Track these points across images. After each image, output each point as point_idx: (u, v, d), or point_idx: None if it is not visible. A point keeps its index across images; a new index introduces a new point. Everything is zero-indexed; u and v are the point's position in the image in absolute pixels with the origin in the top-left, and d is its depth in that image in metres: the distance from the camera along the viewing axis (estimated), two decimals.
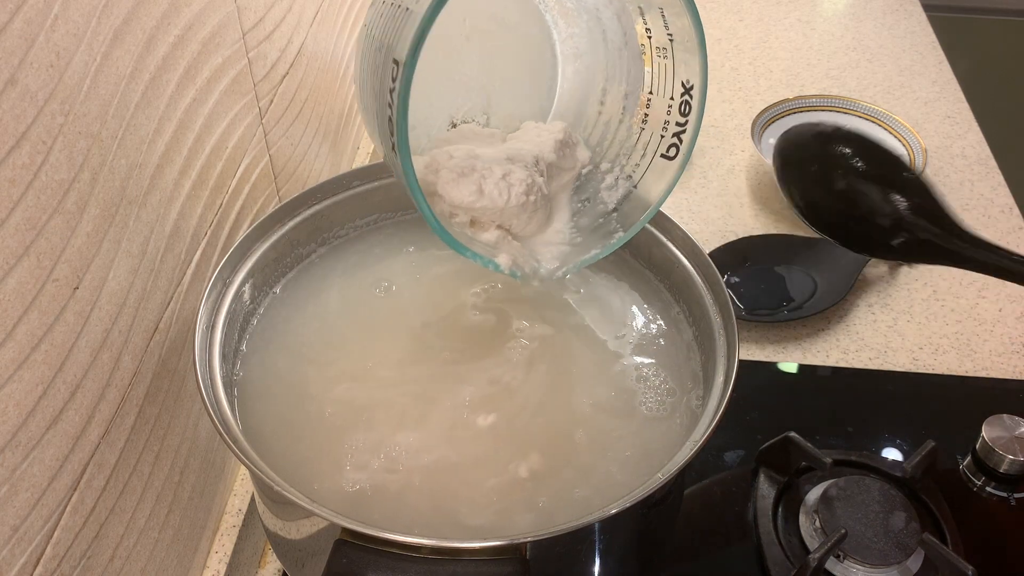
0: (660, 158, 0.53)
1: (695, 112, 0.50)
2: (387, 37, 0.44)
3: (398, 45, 0.42)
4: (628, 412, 0.55)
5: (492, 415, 0.54)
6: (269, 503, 0.55)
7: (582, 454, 0.53)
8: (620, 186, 0.55)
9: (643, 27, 0.49)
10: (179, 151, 0.54)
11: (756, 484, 0.68)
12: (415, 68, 0.41)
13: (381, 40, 0.45)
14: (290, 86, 0.73)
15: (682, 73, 0.49)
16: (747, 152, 1.04)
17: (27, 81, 0.38)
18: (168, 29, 0.51)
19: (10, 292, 0.38)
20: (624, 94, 0.53)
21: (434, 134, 0.56)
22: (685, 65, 0.49)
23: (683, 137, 0.52)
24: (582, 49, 0.54)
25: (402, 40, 0.42)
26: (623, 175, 0.55)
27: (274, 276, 0.61)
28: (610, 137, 0.55)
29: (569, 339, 0.60)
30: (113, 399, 0.48)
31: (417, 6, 0.42)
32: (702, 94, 0.49)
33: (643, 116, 0.53)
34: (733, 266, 0.87)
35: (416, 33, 0.40)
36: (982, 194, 0.98)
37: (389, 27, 0.44)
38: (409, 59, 0.41)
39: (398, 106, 0.42)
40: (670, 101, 0.51)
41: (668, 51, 0.49)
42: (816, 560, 0.60)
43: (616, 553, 0.53)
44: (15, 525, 0.40)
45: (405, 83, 0.41)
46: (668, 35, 0.48)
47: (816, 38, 1.25)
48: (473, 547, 0.44)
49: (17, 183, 0.38)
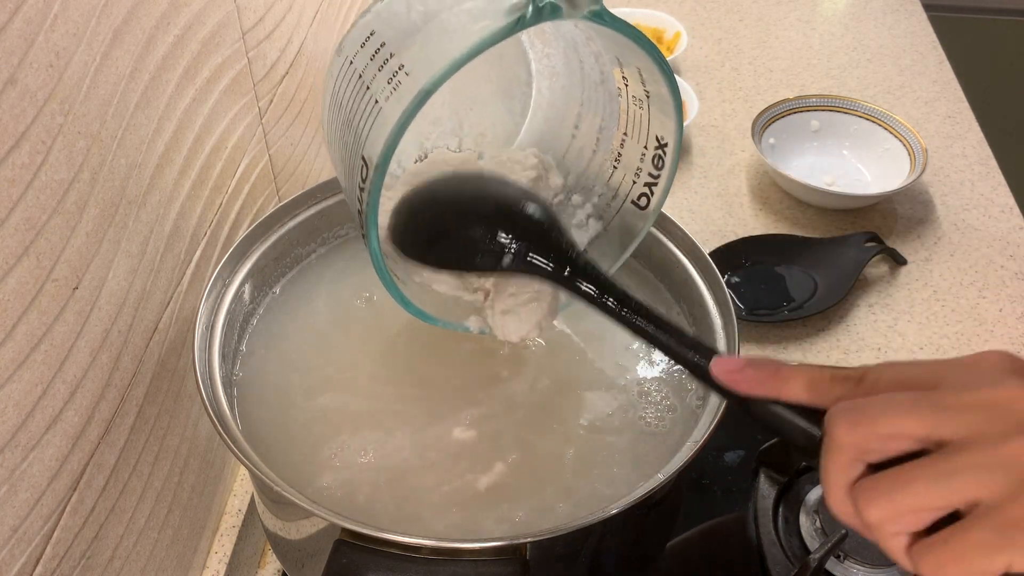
0: (631, 204, 0.52)
1: (667, 169, 0.50)
2: (355, 119, 0.43)
3: (368, 141, 0.42)
4: (624, 427, 0.54)
5: (472, 430, 0.54)
6: (269, 503, 0.55)
7: (567, 474, 0.52)
8: (591, 227, 0.54)
9: (620, 75, 0.49)
10: (179, 151, 0.54)
11: (756, 484, 0.67)
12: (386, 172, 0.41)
13: (349, 116, 0.44)
14: (290, 86, 0.73)
15: (657, 128, 0.49)
16: (747, 152, 1.04)
17: (27, 81, 0.38)
18: (168, 29, 0.51)
19: (10, 292, 0.38)
20: (599, 127, 0.52)
21: (405, 160, 0.55)
22: (660, 123, 0.48)
23: (655, 189, 0.51)
24: (558, 69, 0.53)
25: (372, 138, 0.41)
26: (594, 213, 0.54)
27: (274, 276, 0.61)
28: (583, 166, 0.55)
29: (560, 349, 0.59)
30: (112, 399, 0.48)
31: (387, 106, 0.41)
32: (675, 154, 0.48)
33: (616, 155, 0.52)
34: (733, 266, 0.87)
35: (388, 141, 0.40)
36: (982, 194, 0.98)
37: (357, 108, 0.43)
38: (381, 163, 0.40)
39: (368, 203, 0.42)
40: (643, 150, 0.50)
41: (644, 104, 0.48)
42: (816, 560, 0.60)
43: (616, 553, 0.53)
44: (15, 525, 0.40)
45: (375, 185, 0.41)
46: (645, 91, 0.47)
47: (816, 38, 1.24)
48: (473, 547, 0.44)
49: (17, 183, 0.38)
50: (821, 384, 0.36)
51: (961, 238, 0.93)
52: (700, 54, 1.22)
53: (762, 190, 0.99)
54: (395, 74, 0.41)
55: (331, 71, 0.46)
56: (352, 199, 0.45)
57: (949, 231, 0.93)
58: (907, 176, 0.93)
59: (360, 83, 0.43)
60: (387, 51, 0.42)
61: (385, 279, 0.46)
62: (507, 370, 0.57)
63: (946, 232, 0.93)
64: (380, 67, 0.42)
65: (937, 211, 0.96)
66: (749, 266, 0.88)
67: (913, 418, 0.32)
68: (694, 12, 1.30)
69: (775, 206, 0.97)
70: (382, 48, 0.42)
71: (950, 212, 0.96)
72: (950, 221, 0.95)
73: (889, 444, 0.33)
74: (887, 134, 0.99)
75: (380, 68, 0.42)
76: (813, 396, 0.36)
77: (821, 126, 1.02)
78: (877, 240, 0.89)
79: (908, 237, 0.93)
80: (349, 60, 0.45)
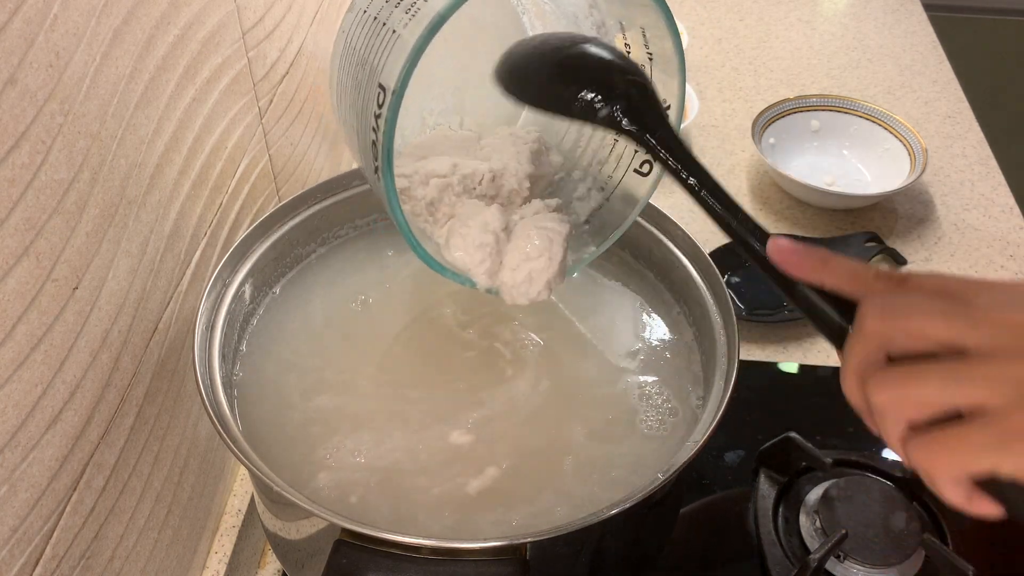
0: (633, 173, 0.53)
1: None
2: (370, 55, 0.44)
3: (384, 70, 0.42)
4: (625, 432, 0.54)
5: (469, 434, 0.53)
6: (269, 503, 0.55)
7: (565, 479, 0.52)
8: (592, 197, 0.55)
9: (623, 42, 0.49)
10: (179, 151, 0.54)
11: (756, 484, 0.67)
12: (404, 96, 0.41)
13: (364, 56, 0.44)
14: (290, 86, 0.73)
15: (659, 91, 0.49)
16: (747, 152, 1.04)
17: (26, 81, 0.38)
18: (168, 29, 0.51)
19: (10, 292, 0.38)
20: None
21: (408, 135, 0.55)
22: (663, 85, 0.48)
23: None
24: None
25: (389, 66, 0.42)
26: (595, 186, 0.55)
27: (274, 276, 0.61)
28: (583, 144, 0.55)
29: (560, 350, 0.59)
30: (112, 399, 0.48)
31: (406, 31, 0.41)
32: (678, 114, 0.49)
33: None
34: (733, 266, 0.87)
35: (406, 63, 0.40)
36: (982, 194, 0.98)
37: (373, 44, 0.44)
38: (399, 87, 0.41)
39: (384, 131, 0.42)
40: None
41: (647, 68, 0.48)
42: (816, 560, 0.60)
43: (616, 553, 0.53)
44: (14, 525, 0.40)
45: (392, 110, 0.41)
46: (648, 53, 0.47)
47: (816, 38, 1.24)
48: (473, 547, 0.44)
49: (17, 183, 0.38)
50: (864, 277, 0.37)
51: (961, 238, 0.93)
52: (700, 54, 1.22)
53: (762, 190, 0.99)
54: (413, 4, 0.42)
55: (340, 30, 0.47)
56: (365, 138, 0.44)
57: (949, 231, 0.93)
58: (907, 176, 0.93)
59: (375, 23, 0.44)
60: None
61: (399, 221, 0.45)
62: (507, 374, 0.57)
63: (946, 232, 0.93)
64: (397, 3, 0.43)
65: (937, 211, 0.96)
66: (749, 266, 0.87)
67: (943, 322, 0.34)
68: (694, 12, 1.30)
69: (775, 206, 0.97)
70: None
71: (950, 212, 0.96)
72: (950, 221, 0.95)
73: (914, 341, 0.34)
74: (887, 134, 0.99)
75: (397, 4, 0.43)
76: (855, 286, 0.37)
77: (821, 126, 1.02)
78: (877, 240, 0.89)
79: (908, 237, 0.93)
80: (363, 9, 0.45)
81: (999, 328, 0.33)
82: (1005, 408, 0.32)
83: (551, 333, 0.59)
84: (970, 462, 0.32)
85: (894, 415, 0.34)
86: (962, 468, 0.33)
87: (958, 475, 0.33)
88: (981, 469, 0.32)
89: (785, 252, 0.39)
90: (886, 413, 0.34)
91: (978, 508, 0.34)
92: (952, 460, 0.33)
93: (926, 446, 0.33)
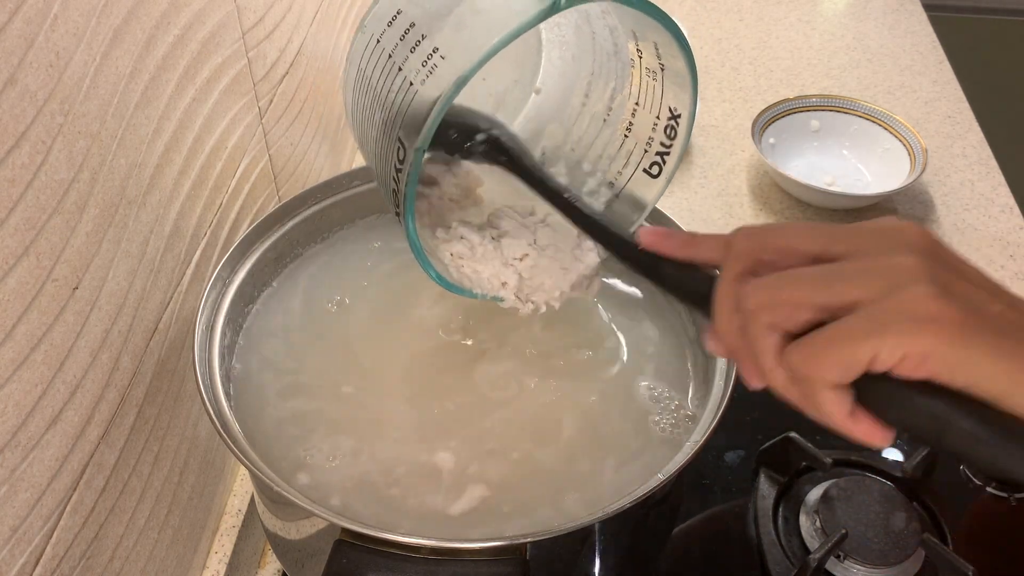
0: (642, 173, 0.53)
1: (680, 140, 0.50)
2: (388, 96, 0.44)
3: (403, 123, 0.42)
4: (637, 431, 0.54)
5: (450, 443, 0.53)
6: (269, 503, 0.55)
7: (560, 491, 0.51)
8: (602, 193, 0.55)
9: (634, 48, 0.49)
10: (179, 151, 0.54)
11: (756, 484, 0.67)
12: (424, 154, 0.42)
13: (381, 95, 0.44)
14: (290, 86, 0.73)
15: (670, 99, 0.49)
16: (747, 152, 1.04)
17: (27, 81, 0.38)
18: (168, 29, 0.51)
19: (10, 292, 0.38)
20: (610, 95, 0.53)
21: None
22: (674, 95, 0.48)
23: (667, 159, 0.51)
24: (569, 39, 0.54)
25: (409, 120, 0.42)
26: (605, 181, 0.55)
27: (273, 276, 0.61)
28: (593, 134, 0.55)
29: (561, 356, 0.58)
30: (112, 399, 0.48)
31: (424, 88, 0.41)
32: (689, 124, 0.49)
33: (628, 123, 0.52)
34: None
35: (428, 127, 0.40)
36: (982, 194, 0.98)
37: (389, 85, 0.44)
38: (421, 145, 0.41)
39: (407, 184, 0.43)
40: (656, 120, 0.51)
41: (658, 76, 0.49)
42: (816, 560, 0.60)
43: (616, 553, 0.53)
44: (15, 525, 0.40)
45: (415, 166, 0.42)
46: (659, 64, 0.48)
47: (816, 38, 1.24)
48: (473, 547, 0.44)
49: (17, 183, 0.38)
50: (730, 238, 0.38)
51: (961, 238, 0.93)
52: (700, 54, 1.22)
53: (762, 190, 0.99)
54: (429, 57, 0.41)
55: (355, 48, 0.47)
56: (386, 177, 0.45)
57: (949, 231, 0.93)
58: (907, 176, 0.93)
59: (391, 63, 0.44)
60: (418, 32, 0.42)
61: (420, 257, 0.46)
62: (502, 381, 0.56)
63: (946, 232, 0.93)
64: (412, 49, 0.42)
65: (937, 211, 0.96)
66: None
67: (808, 236, 0.35)
68: (694, 12, 1.30)
69: (775, 206, 0.97)
70: (412, 28, 0.43)
71: (950, 212, 0.96)
72: (950, 221, 0.95)
73: (784, 257, 0.35)
74: (887, 134, 0.99)
75: (412, 50, 0.42)
76: (724, 252, 0.37)
77: (821, 126, 1.02)
78: None
79: None
80: (376, 39, 0.45)
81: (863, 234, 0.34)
82: (879, 297, 0.32)
83: (540, 334, 0.59)
84: (850, 354, 0.31)
85: (767, 318, 0.34)
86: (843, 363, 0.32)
87: (840, 375, 0.32)
88: (861, 360, 0.31)
89: (655, 235, 0.41)
90: (759, 318, 0.34)
91: (861, 428, 0.33)
92: (831, 355, 0.32)
93: (803, 346, 0.33)
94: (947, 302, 0.31)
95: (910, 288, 0.31)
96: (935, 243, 0.34)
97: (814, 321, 0.33)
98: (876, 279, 0.32)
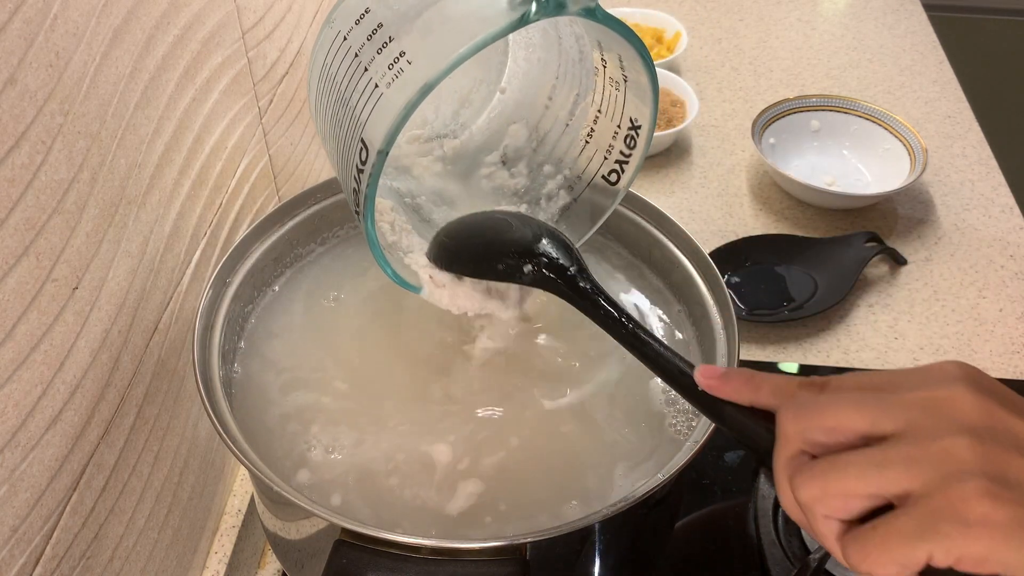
0: (602, 179, 0.53)
1: (640, 150, 0.50)
2: (352, 98, 0.43)
3: (367, 125, 0.42)
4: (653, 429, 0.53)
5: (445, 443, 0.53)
6: (269, 503, 0.55)
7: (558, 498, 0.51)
8: (560, 197, 0.56)
9: (599, 57, 0.49)
10: (178, 151, 0.54)
11: (756, 484, 0.68)
12: (387, 157, 0.41)
13: (344, 95, 0.44)
14: (290, 86, 0.73)
15: (632, 110, 0.49)
16: (747, 152, 1.04)
17: (26, 81, 0.38)
18: (168, 29, 0.51)
19: (10, 292, 0.38)
20: (574, 100, 0.53)
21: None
22: (635, 107, 0.49)
23: (625, 168, 0.52)
24: (535, 41, 0.54)
25: (373, 123, 0.42)
26: (564, 184, 0.55)
27: (273, 276, 0.61)
28: (556, 137, 0.55)
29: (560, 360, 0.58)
30: (112, 399, 0.48)
31: (389, 91, 0.41)
32: (648, 135, 0.49)
33: (590, 129, 0.53)
34: (733, 266, 0.87)
35: (391, 130, 0.40)
36: (982, 194, 0.98)
37: (354, 86, 0.43)
38: (384, 148, 0.41)
39: (367, 184, 0.42)
40: (616, 128, 0.51)
41: (621, 86, 0.49)
42: (816, 560, 0.60)
43: (616, 553, 0.53)
44: (14, 525, 0.40)
45: (377, 168, 0.41)
46: (623, 75, 0.48)
47: (816, 38, 1.25)
48: (473, 547, 0.44)
49: (17, 183, 0.38)
50: (788, 388, 0.37)
51: (961, 238, 0.93)
52: (700, 54, 1.22)
53: (762, 190, 0.99)
54: (396, 60, 0.41)
55: (321, 42, 0.46)
56: (347, 176, 0.45)
57: (949, 231, 0.93)
58: (907, 176, 0.93)
59: (356, 62, 0.43)
60: (385, 33, 0.42)
61: (378, 254, 0.46)
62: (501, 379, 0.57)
63: (946, 232, 0.93)
64: (379, 50, 0.42)
65: (937, 211, 0.96)
66: (749, 266, 0.88)
67: (855, 411, 0.34)
68: (694, 12, 1.30)
69: (775, 206, 0.97)
70: (379, 29, 0.42)
71: (950, 212, 0.96)
72: (950, 221, 0.95)
73: (833, 436, 0.34)
74: (887, 134, 0.99)
75: (379, 51, 0.42)
76: (781, 399, 0.37)
77: (821, 126, 1.02)
78: (877, 240, 0.89)
79: (908, 237, 0.93)
80: (342, 35, 0.45)
81: (910, 408, 0.33)
82: (927, 489, 0.31)
83: (543, 333, 0.59)
84: (904, 554, 0.31)
85: (822, 510, 0.33)
86: (898, 562, 0.31)
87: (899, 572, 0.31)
88: (917, 560, 0.31)
89: (712, 376, 0.40)
90: (814, 510, 0.33)
91: None
92: (886, 555, 0.31)
93: (858, 543, 0.32)
94: (998, 502, 0.30)
95: (960, 485, 0.30)
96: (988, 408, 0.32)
97: (869, 508, 0.32)
98: (925, 469, 0.31)
